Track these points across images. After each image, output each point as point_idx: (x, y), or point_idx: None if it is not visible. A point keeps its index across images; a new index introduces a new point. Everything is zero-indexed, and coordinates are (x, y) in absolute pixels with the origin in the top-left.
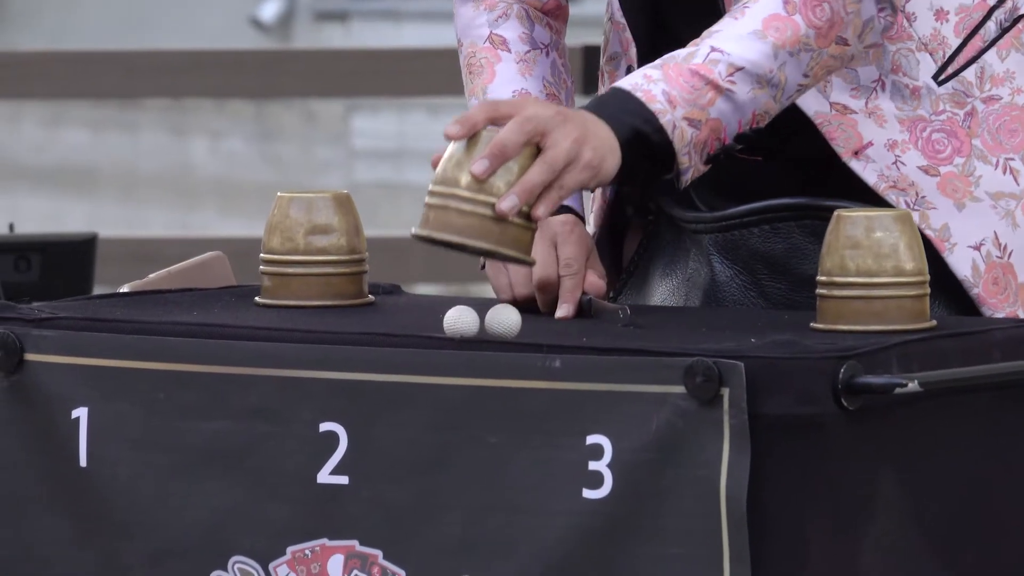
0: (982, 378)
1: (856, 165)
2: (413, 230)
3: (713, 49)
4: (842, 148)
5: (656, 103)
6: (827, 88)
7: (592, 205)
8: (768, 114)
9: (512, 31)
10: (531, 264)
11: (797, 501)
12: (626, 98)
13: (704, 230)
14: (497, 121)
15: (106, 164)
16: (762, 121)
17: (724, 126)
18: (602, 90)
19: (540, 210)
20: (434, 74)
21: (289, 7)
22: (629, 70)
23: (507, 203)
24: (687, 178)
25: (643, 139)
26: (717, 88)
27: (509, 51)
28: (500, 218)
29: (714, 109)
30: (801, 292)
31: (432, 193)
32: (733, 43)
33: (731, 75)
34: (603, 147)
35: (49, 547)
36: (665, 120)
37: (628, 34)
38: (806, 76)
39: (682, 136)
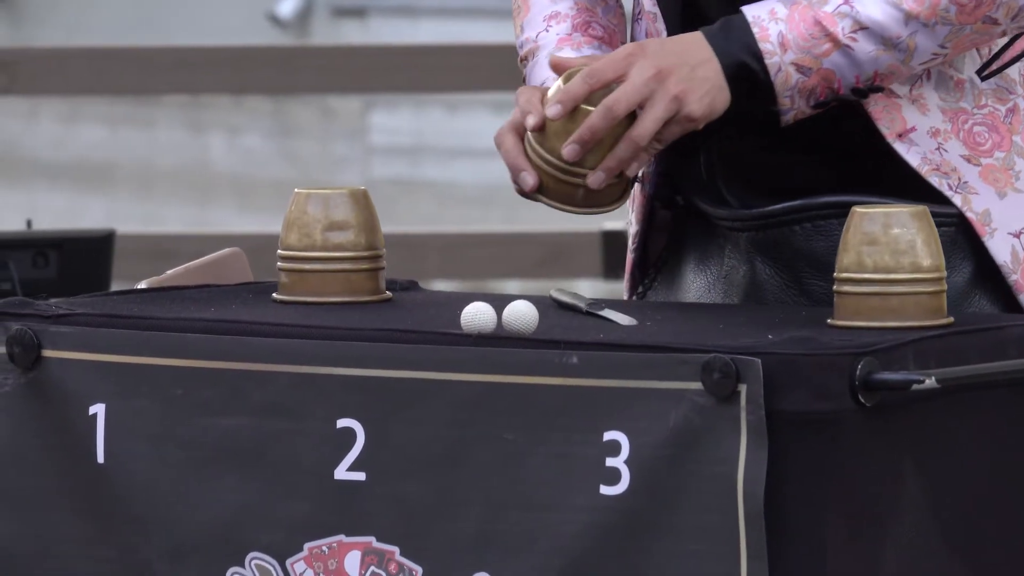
0: (999, 374)
1: (900, 147)
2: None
3: (846, 1)
4: (887, 129)
5: (767, 43)
6: None
7: (632, 204)
8: (895, 75)
9: None
10: (619, 207)
11: (814, 497)
12: (744, 30)
13: (742, 227)
14: (596, 90)
15: (123, 160)
16: (887, 81)
17: (838, 78)
18: None
19: (631, 170)
20: (451, 70)
21: (307, 3)
22: None
23: (595, 180)
24: (788, 118)
25: (750, 74)
26: (835, 41)
27: None
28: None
29: (828, 60)
30: None
31: (534, 150)
32: (868, 0)
33: (854, 31)
34: (710, 94)
35: (67, 543)
36: (771, 62)
37: (660, 23)
38: (943, 47)
39: (786, 80)
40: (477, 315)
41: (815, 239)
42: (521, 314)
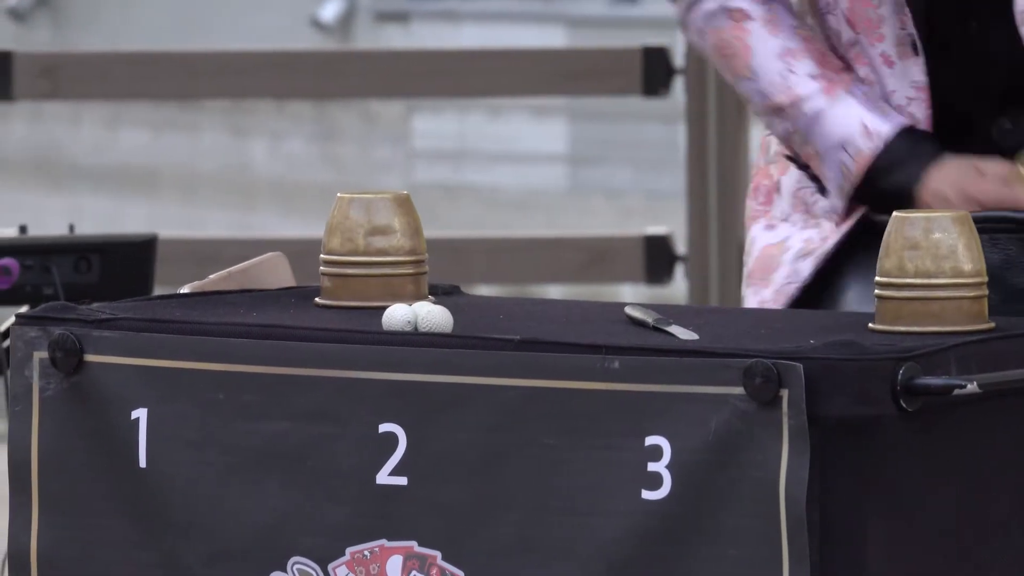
0: None
1: None
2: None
3: None
4: None
5: None
6: None
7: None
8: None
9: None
10: None
11: (856, 501)
12: None
13: None
14: None
15: (166, 165)
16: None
17: None
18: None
19: None
20: (494, 74)
21: (349, 8)
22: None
23: None
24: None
25: None
26: None
27: (752, 19)
28: None
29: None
30: (1013, 304)
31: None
32: None
33: None
34: None
35: (110, 547)
36: None
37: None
38: None
39: None
40: (393, 316)
41: (989, 251)
42: (434, 314)
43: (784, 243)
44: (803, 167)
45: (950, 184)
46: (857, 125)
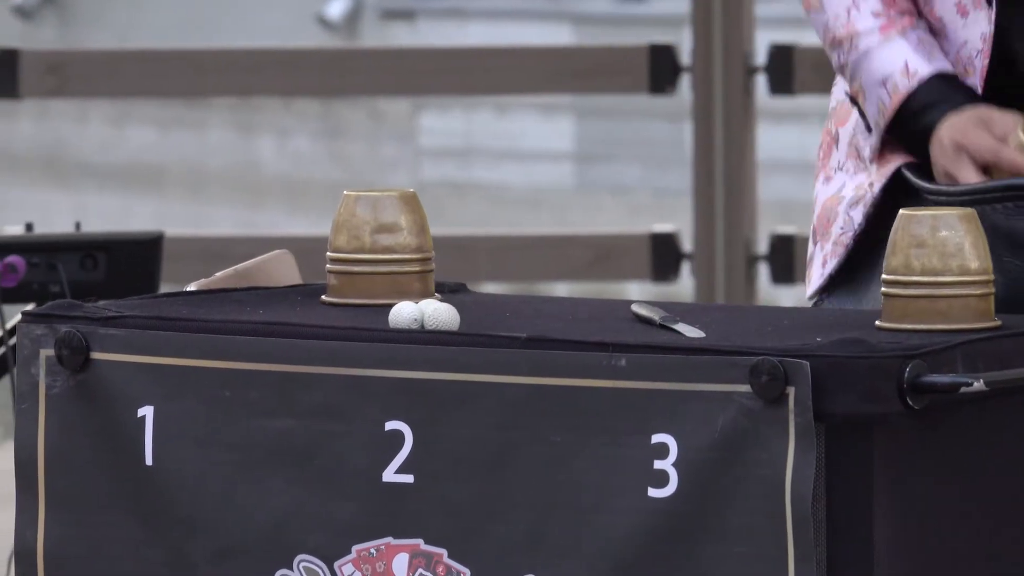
0: None
1: None
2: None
3: None
4: None
5: None
6: None
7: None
8: None
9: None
10: None
11: (862, 499)
12: None
13: (946, 202)
14: None
15: (173, 163)
16: None
17: None
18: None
19: None
20: (501, 72)
21: (356, 6)
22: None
23: None
24: None
25: None
26: None
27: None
28: None
29: None
30: None
31: None
32: None
33: None
34: None
35: (116, 545)
36: None
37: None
38: None
39: None
40: (400, 314)
41: (1016, 218)
42: (440, 312)
43: (839, 193)
44: (857, 105)
45: (949, 130)
46: (900, 63)
